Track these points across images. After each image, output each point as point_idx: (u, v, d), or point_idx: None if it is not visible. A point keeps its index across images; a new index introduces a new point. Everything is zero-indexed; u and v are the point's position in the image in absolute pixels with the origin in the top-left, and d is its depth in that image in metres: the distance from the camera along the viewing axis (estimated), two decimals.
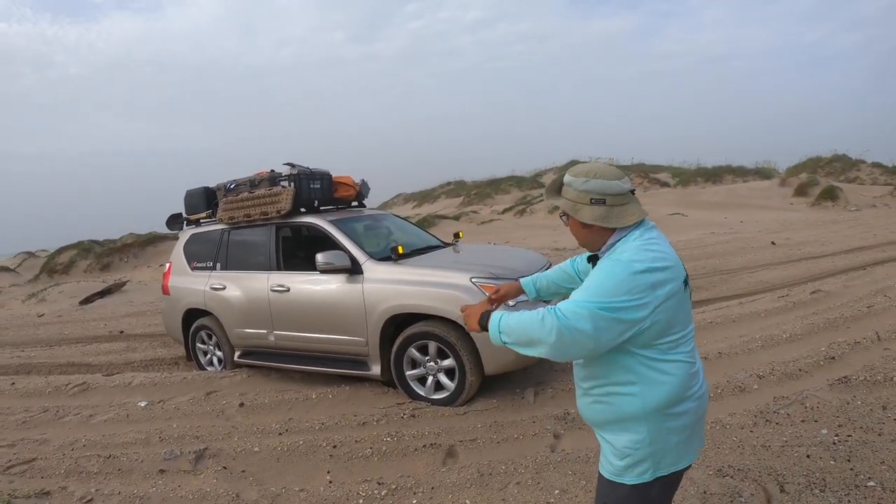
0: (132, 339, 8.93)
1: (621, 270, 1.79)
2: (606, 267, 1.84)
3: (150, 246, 21.12)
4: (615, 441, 1.95)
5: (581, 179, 1.96)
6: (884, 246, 11.99)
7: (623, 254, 1.86)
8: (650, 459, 1.90)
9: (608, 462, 1.99)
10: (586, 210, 1.95)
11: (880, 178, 29.20)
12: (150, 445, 4.60)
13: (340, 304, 5.16)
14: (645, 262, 1.81)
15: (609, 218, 1.93)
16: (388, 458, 4.09)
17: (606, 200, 1.92)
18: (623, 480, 1.94)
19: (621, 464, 1.94)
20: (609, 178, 1.94)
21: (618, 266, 1.81)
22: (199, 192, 6.57)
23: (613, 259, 1.86)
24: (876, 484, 3.26)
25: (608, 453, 2.00)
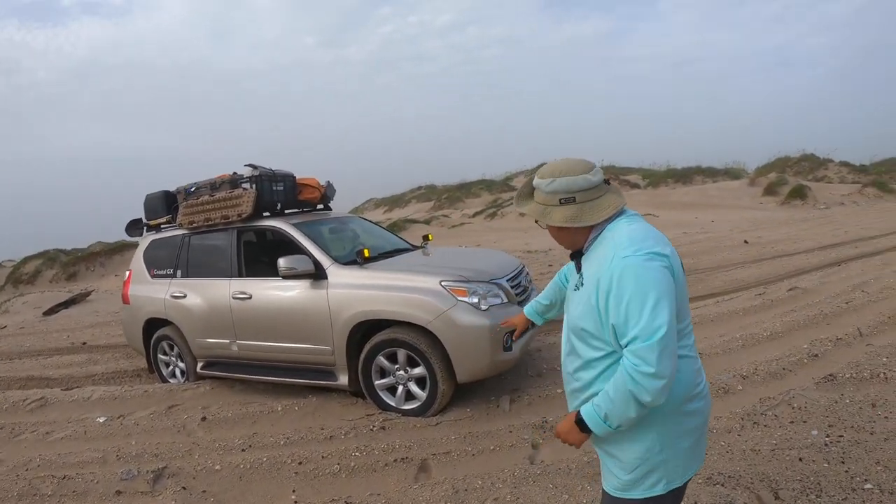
0: (95, 350, 8.64)
1: (640, 267, 1.67)
2: (623, 277, 1.68)
3: (118, 254, 20.76)
4: (621, 452, 1.85)
5: (546, 181, 1.86)
6: (855, 242, 12.18)
7: (621, 250, 1.72)
8: (661, 469, 1.82)
9: (613, 477, 1.90)
10: (557, 212, 1.85)
11: (848, 176, 29.80)
12: (108, 465, 4.36)
13: (304, 311, 4.94)
14: (650, 248, 1.72)
15: (581, 216, 1.83)
16: (357, 475, 3.88)
17: (576, 198, 1.83)
18: (632, 495, 1.85)
19: (629, 477, 1.84)
20: (575, 174, 1.84)
21: (631, 267, 1.68)
22: (158, 196, 6.31)
23: (617, 263, 1.71)
24: (873, 486, 3.17)
25: (613, 467, 1.89)
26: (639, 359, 1.61)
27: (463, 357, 4.36)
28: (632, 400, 1.64)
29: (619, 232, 1.80)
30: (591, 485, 3.39)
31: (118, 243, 21.38)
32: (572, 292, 1.94)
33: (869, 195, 24.09)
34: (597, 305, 1.75)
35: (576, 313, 1.86)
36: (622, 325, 1.66)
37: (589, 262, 1.88)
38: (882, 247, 11.31)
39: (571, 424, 1.81)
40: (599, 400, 1.73)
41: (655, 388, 1.61)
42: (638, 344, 1.62)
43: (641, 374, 1.61)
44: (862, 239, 12.62)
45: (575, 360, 1.91)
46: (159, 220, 6.33)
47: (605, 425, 1.72)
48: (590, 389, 1.85)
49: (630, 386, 1.63)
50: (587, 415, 1.76)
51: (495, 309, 4.46)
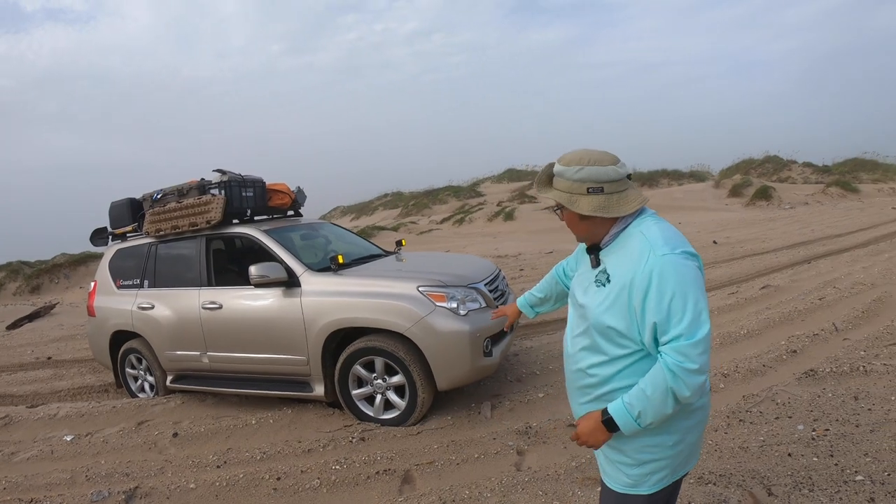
0: (60, 365, 8.35)
1: (680, 265, 1.67)
2: (664, 274, 1.66)
3: (82, 265, 20.27)
4: (632, 449, 1.83)
5: (574, 168, 1.79)
6: (823, 240, 12.42)
7: (658, 248, 1.70)
8: (670, 463, 1.83)
9: (621, 473, 1.88)
10: (584, 201, 1.79)
11: (811, 177, 30.50)
12: (77, 486, 4.17)
13: (277, 320, 4.80)
14: (686, 248, 1.72)
15: (609, 207, 1.78)
16: (339, 489, 3.75)
17: (604, 188, 1.78)
18: (640, 491, 1.85)
19: (639, 472, 1.83)
20: (604, 164, 1.79)
21: (672, 265, 1.66)
22: (123, 204, 6.13)
23: (656, 260, 1.68)
24: (864, 478, 3.18)
25: (621, 464, 1.87)
26: (682, 356, 1.62)
27: (443, 364, 4.26)
28: (671, 396, 1.64)
29: (650, 229, 1.78)
30: (582, 490, 3.32)
31: (83, 254, 20.89)
32: (593, 288, 1.87)
33: (832, 195, 24.57)
34: (629, 303, 1.72)
35: (599, 310, 1.80)
36: (664, 323, 1.65)
37: (614, 257, 1.83)
38: (849, 244, 11.56)
39: (597, 424, 1.76)
40: (632, 398, 1.69)
41: (696, 384, 1.63)
42: (682, 341, 1.62)
43: (685, 371, 1.61)
44: (829, 237, 12.88)
45: (592, 356, 1.85)
46: (125, 228, 6.15)
47: (635, 423, 1.69)
48: (607, 386, 1.82)
49: (671, 383, 1.62)
50: (617, 413, 1.71)
51: (474, 314, 4.38)
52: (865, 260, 9.44)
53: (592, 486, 3.32)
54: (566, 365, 2.02)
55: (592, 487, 3.32)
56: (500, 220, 24.55)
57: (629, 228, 1.82)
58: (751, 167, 32.63)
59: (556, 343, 6.24)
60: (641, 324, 1.70)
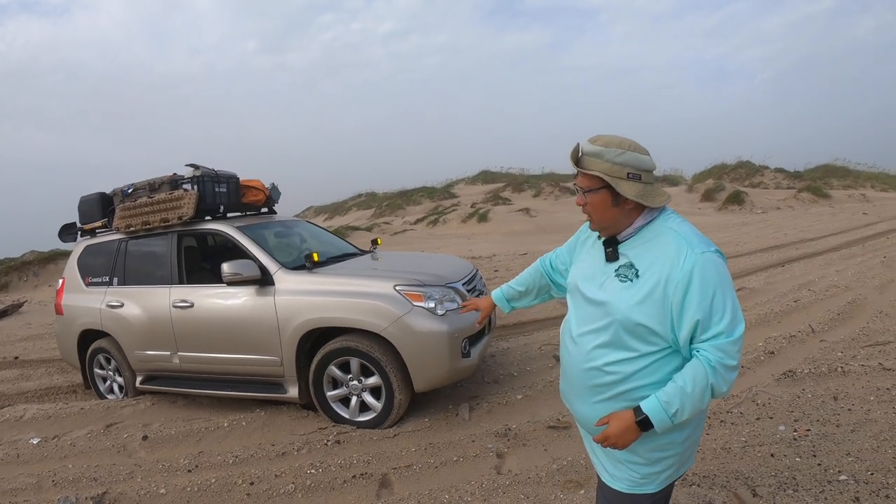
0: (27, 365, 8.13)
1: (719, 264, 1.67)
2: (706, 272, 1.64)
3: (52, 263, 19.85)
4: (645, 448, 1.81)
5: (615, 150, 1.75)
6: (796, 244, 12.59)
7: (696, 246, 1.68)
8: (678, 459, 1.84)
9: (631, 473, 1.86)
10: (625, 185, 1.74)
11: (783, 182, 31.03)
12: (43, 491, 4.03)
13: (250, 319, 4.69)
14: (717, 248, 1.71)
15: (647, 196, 1.75)
16: (314, 494, 3.65)
17: (642, 177, 1.76)
18: (646, 490, 1.85)
19: (649, 470, 1.83)
20: (643, 153, 1.77)
21: (712, 263, 1.66)
22: (93, 199, 5.95)
23: (695, 258, 1.65)
24: (848, 477, 3.20)
25: (631, 463, 1.86)
26: (723, 353, 1.62)
27: (420, 365, 4.19)
28: (709, 393, 1.64)
29: (681, 227, 1.76)
30: (564, 493, 3.27)
31: (52, 252, 20.49)
32: (615, 283, 1.80)
33: (804, 200, 25.01)
34: (664, 301, 1.68)
35: (627, 306, 1.73)
36: (706, 320, 1.63)
37: (640, 251, 1.78)
38: (822, 248, 11.74)
39: (630, 424, 1.71)
40: (668, 396, 1.66)
41: (732, 380, 1.65)
42: (723, 339, 1.62)
43: (726, 368, 1.62)
44: (802, 241, 13.06)
45: (613, 352, 1.78)
46: (94, 224, 5.97)
47: (669, 421, 1.67)
48: (627, 384, 1.77)
49: (712, 379, 1.62)
50: (653, 412, 1.67)
51: (452, 314, 4.30)
52: (839, 263, 9.60)
53: (574, 490, 3.28)
54: (570, 364, 1.95)
55: (574, 490, 3.27)
56: (475, 221, 24.61)
57: (655, 223, 1.79)
58: (723, 172, 33.18)
59: (533, 344, 6.20)
60: (678, 321, 1.67)
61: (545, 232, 21.09)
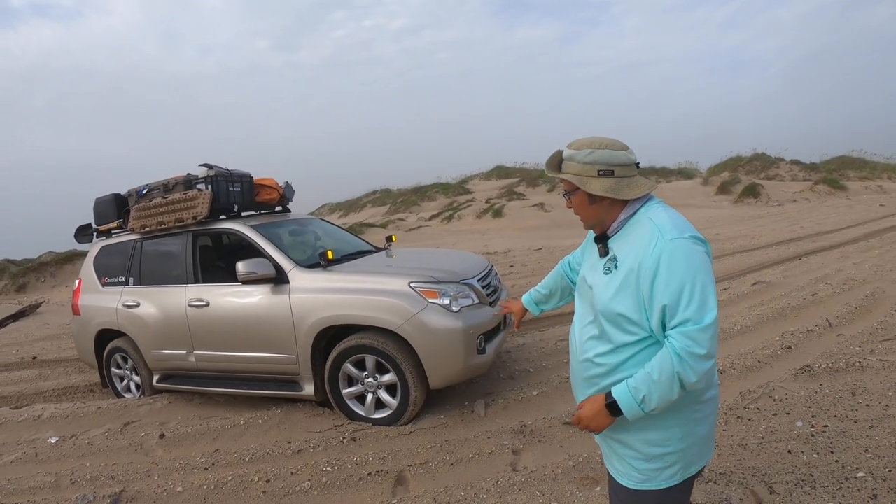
0: (45, 365, 8.21)
1: (690, 250, 1.67)
2: (674, 258, 1.65)
3: (69, 264, 20.06)
4: (640, 442, 1.82)
5: (585, 151, 1.81)
6: (812, 237, 12.44)
7: (667, 232, 1.69)
8: (681, 457, 1.81)
9: (631, 469, 1.86)
10: (594, 182, 1.80)
11: (799, 174, 30.64)
12: (61, 489, 4.06)
13: (266, 317, 4.70)
14: (694, 233, 1.71)
15: (619, 189, 1.79)
16: (330, 491, 3.65)
17: (615, 171, 1.80)
18: (651, 486, 1.83)
19: (650, 466, 1.82)
20: (615, 148, 1.81)
21: (682, 249, 1.66)
22: (108, 200, 5.99)
23: (664, 244, 1.67)
24: (866, 474, 3.15)
25: (631, 458, 1.85)
26: (690, 340, 1.61)
27: (435, 362, 4.18)
28: (677, 381, 1.62)
29: (658, 215, 1.77)
30: (580, 490, 3.25)
31: (69, 252, 20.70)
32: (600, 276, 1.85)
33: (820, 192, 24.71)
34: (637, 288, 1.70)
35: (606, 297, 1.78)
36: (673, 307, 1.63)
37: (622, 243, 1.82)
38: (838, 241, 11.59)
39: (600, 407, 1.75)
40: (637, 382, 1.68)
41: (703, 369, 1.62)
42: (689, 326, 1.61)
43: (692, 356, 1.60)
44: (818, 234, 12.91)
45: (600, 344, 1.83)
46: (109, 225, 6.02)
47: (639, 408, 1.68)
48: (615, 375, 1.79)
49: (678, 367, 1.61)
50: (621, 397, 1.70)
51: (467, 310, 4.30)
52: (856, 256, 9.47)
53: (590, 486, 3.26)
54: (573, 356, 2.00)
55: (590, 487, 3.25)
56: (489, 216, 24.49)
57: (637, 214, 1.82)
58: (739, 165, 32.79)
59: (548, 340, 6.19)
60: (650, 308, 1.69)
61: (560, 227, 20.98)
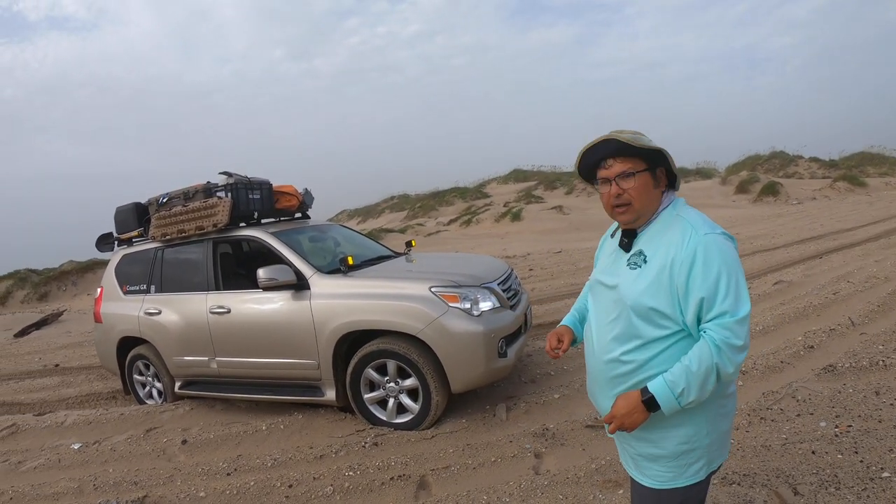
0: (68, 372, 8.31)
1: (724, 245, 1.69)
2: (709, 252, 1.67)
3: (90, 272, 20.25)
4: (667, 440, 1.81)
5: (647, 138, 1.83)
6: (833, 235, 12.31)
7: (699, 228, 1.72)
8: (705, 453, 1.81)
9: (658, 468, 1.85)
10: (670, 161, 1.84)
11: (818, 171, 30.34)
12: (84, 495, 4.10)
13: (287, 323, 4.72)
14: (724, 231, 1.74)
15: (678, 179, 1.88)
16: (353, 496, 3.65)
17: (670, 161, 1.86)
18: (677, 484, 1.83)
19: (676, 463, 1.82)
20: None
21: (716, 243, 1.68)
22: (129, 209, 6.05)
23: (699, 239, 1.70)
24: (891, 474, 3.12)
25: (655, 457, 1.85)
26: (728, 331, 1.62)
27: (457, 366, 4.18)
28: (714, 373, 1.64)
29: (688, 213, 1.81)
30: (603, 493, 3.23)
31: (90, 261, 20.90)
32: (625, 272, 1.84)
33: (840, 189, 24.45)
34: (671, 282, 1.71)
35: (636, 291, 1.77)
36: (711, 299, 1.65)
37: (650, 239, 1.83)
38: (859, 238, 11.46)
39: (636, 403, 1.72)
40: (674, 376, 1.67)
41: (739, 360, 1.65)
42: (727, 318, 1.63)
43: (730, 347, 1.62)
44: (839, 231, 12.77)
45: (627, 342, 1.80)
46: (130, 233, 6.08)
47: (676, 402, 1.67)
48: (643, 372, 1.77)
49: (717, 358, 1.62)
50: (659, 391, 1.68)
51: (488, 314, 4.29)
52: (877, 253, 9.36)
53: (613, 489, 3.24)
54: (592, 359, 1.97)
55: (613, 490, 3.23)
56: (508, 220, 24.42)
57: (664, 212, 1.84)
58: (757, 163, 32.55)
59: None
60: (685, 302, 1.69)
61: (578, 230, 20.91)
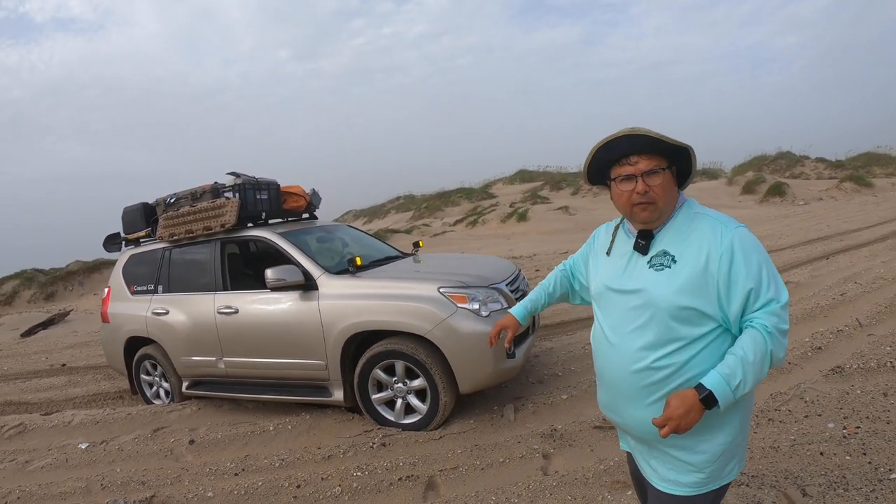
0: (74, 372, 8.34)
1: (753, 236, 1.71)
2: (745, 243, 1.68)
3: (96, 272, 20.31)
4: (706, 443, 1.76)
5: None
6: (839, 236, 12.25)
7: (728, 223, 1.73)
8: (739, 451, 1.81)
9: (692, 473, 1.78)
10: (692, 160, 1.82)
11: (824, 172, 30.20)
12: (92, 495, 4.10)
13: (295, 324, 4.72)
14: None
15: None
16: (361, 496, 3.65)
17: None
18: (710, 488, 1.79)
19: (713, 468, 1.76)
20: None
21: (748, 235, 1.71)
22: (136, 209, 6.06)
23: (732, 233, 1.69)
24: None
25: (690, 463, 1.78)
26: (777, 317, 1.63)
27: (465, 366, 4.17)
28: (768, 360, 1.63)
29: (708, 210, 1.81)
30: (612, 494, 3.23)
31: (96, 261, 20.95)
32: (649, 273, 1.76)
33: (847, 190, 24.29)
34: (708, 279, 1.67)
35: (670, 292, 1.70)
36: (757, 289, 1.64)
37: (674, 239, 1.78)
38: (866, 239, 11.39)
39: (694, 401, 1.60)
40: (730, 368, 1.61)
41: (786, 345, 1.66)
42: (774, 305, 1.64)
43: (781, 332, 1.63)
44: (845, 232, 12.70)
45: (662, 346, 1.72)
46: (138, 233, 6.08)
47: (732, 395, 1.61)
48: (683, 374, 1.70)
49: (771, 345, 1.62)
50: (716, 385, 1.60)
51: (496, 315, 4.28)
52: (885, 254, 9.31)
53: (622, 490, 3.23)
54: (613, 372, 1.87)
55: (622, 491, 3.22)
56: (514, 221, 24.35)
57: (682, 211, 1.82)
58: (763, 163, 32.42)
59: (576, 344, 6.13)
60: (728, 295, 1.66)
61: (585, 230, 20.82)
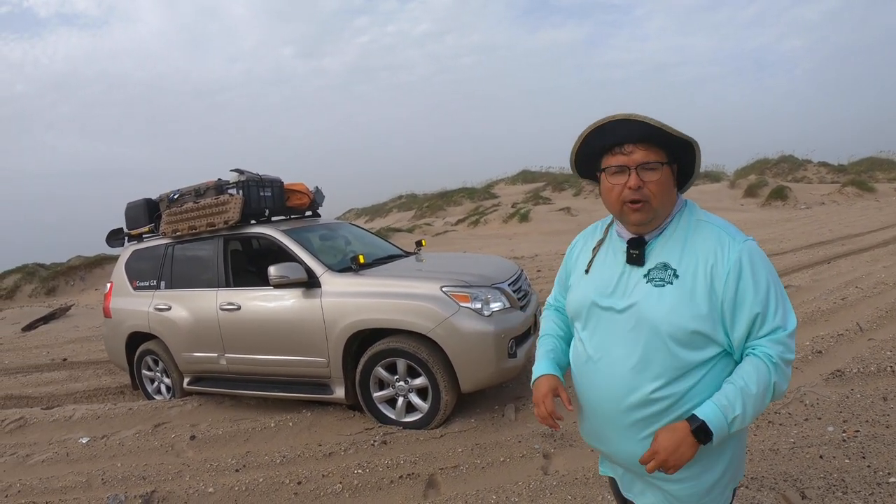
0: (75, 366, 8.36)
1: (762, 253, 1.53)
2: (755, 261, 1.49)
3: (98, 268, 20.37)
4: (707, 473, 1.60)
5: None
6: (841, 240, 12.24)
7: (735, 235, 1.54)
8: (741, 464, 1.70)
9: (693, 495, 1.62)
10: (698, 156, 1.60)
11: (827, 176, 30.14)
12: (92, 489, 4.11)
13: (297, 321, 4.73)
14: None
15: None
16: (361, 494, 3.66)
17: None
18: None
19: (716, 493, 1.63)
20: None
21: (757, 251, 1.52)
22: (140, 205, 6.07)
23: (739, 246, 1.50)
24: None
25: (696, 494, 1.62)
26: (783, 346, 1.46)
27: (467, 365, 4.18)
28: (771, 392, 1.47)
29: (712, 217, 1.61)
30: (611, 495, 3.22)
31: (98, 256, 21.00)
32: (647, 289, 1.55)
33: (849, 194, 24.30)
34: (712, 298, 1.49)
35: (673, 313, 1.50)
36: (764, 314, 1.46)
37: (674, 249, 1.57)
38: (868, 244, 11.38)
39: (684, 436, 1.45)
40: (728, 399, 1.45)
41: (790, 376, 1.50)
42: (780, 333, 1.47)
43: (786, 363, 1.47)
44: (847, 237, 12.69)
45: (661, 375, 1.53)
46: (141, 229, 6.09)
47: (727, 429, 1.44)
48: (682, 406, 1.51)
49: (775, 377, 1.45)
50: (711, 417, 1.44)
51: (498, 314, 4.29)
52: (886, 259, 9.30)
53: None
54: (600, 402, 1.67)
55: None
56: (516, 221, 24.36)
57: (682, 216, 1.61)
58: (766, 167, 32.38)
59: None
60: (733, 318, 1.48)
61: None
